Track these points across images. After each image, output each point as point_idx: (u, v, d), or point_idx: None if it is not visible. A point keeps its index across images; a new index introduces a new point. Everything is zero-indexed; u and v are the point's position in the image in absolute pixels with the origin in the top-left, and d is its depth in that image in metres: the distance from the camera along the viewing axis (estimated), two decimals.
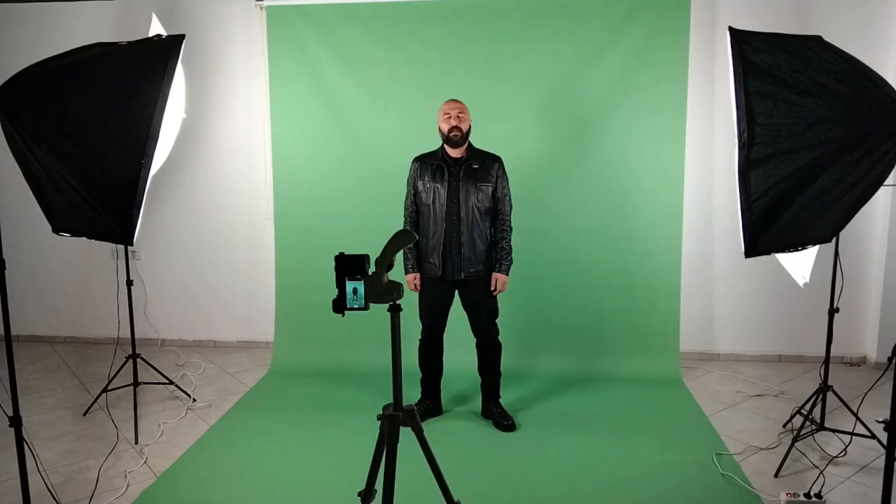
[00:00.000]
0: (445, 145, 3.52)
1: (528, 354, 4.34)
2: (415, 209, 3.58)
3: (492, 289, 3.54)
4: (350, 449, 3.35)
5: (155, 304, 5.02)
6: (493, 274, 3.54)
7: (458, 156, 3.51)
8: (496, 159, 3.56)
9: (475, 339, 3.67)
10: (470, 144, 3.56)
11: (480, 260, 3.51)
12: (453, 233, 3.48)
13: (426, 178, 3.51)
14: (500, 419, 3.61)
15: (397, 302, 2.13)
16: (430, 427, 3.42)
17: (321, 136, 4.44)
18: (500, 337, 3.67)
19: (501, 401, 3.72)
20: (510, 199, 3.58)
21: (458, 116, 3.44)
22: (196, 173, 4.84)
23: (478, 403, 3.80)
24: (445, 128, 3.46)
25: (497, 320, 3.65)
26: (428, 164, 3.54)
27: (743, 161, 2.59)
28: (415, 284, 3.57)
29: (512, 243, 3.58)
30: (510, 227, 3.57)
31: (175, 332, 5.08)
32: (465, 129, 3.46)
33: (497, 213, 3.55)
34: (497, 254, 3.54)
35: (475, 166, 3.50)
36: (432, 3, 4.28)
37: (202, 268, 4.96)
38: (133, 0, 4.64)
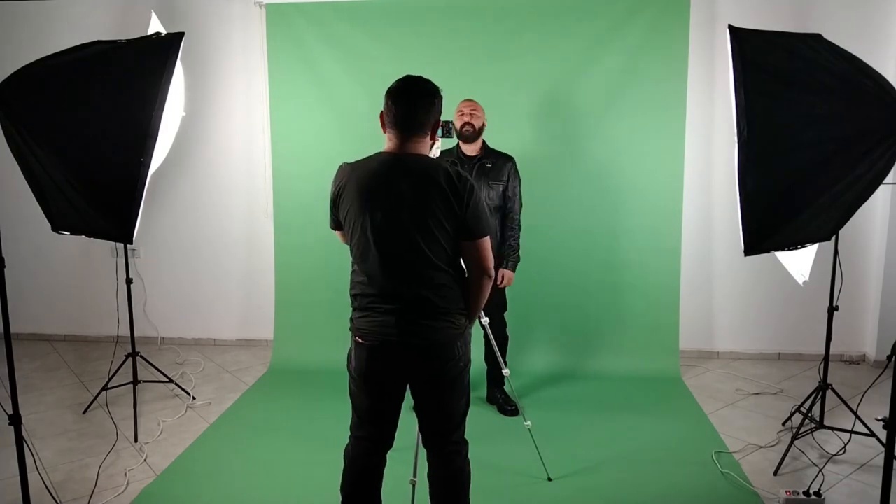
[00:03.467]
0: (461, 143, 3.59)
1: (528, 352, 4.34)
2: None
3: (498, 283, 3.60)
4: None
5: (154, 302, 5.02)
6: (500, 270, 3.60)
7: (473, 154, 3.60)
8: (509, 159, 3.65)
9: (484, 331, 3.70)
10: (484, 143, 3.64)
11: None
12: None
13: None
14: (504, 405, 3.79)
15: None
16: None
17: (320, 134, 4.43)
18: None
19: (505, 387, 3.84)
20: (520, 199, 3.67)
21: (470, 113, 3.53)
22: (195, 171, 4.84)
23: (483, 390, 3.92)
24: (458, 123, 3.53)
25: (505, 314, 3.77)
26: (444, 161, 3.57)
27: (742, 159, 2.59)
28: None
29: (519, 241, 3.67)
30: (519, 225, 3.66)
31: (174, 330, 5.08)
32: (477, 126, 3.55)
33: (507, 212, 3.62)
34: (505, 251, 3.61)
35: (488, 165, 3.58)
36: (431, 0, 4.28)
37: (202, 266, 4.95)
38: None
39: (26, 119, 2.88)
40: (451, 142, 3.62)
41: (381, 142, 2.29)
